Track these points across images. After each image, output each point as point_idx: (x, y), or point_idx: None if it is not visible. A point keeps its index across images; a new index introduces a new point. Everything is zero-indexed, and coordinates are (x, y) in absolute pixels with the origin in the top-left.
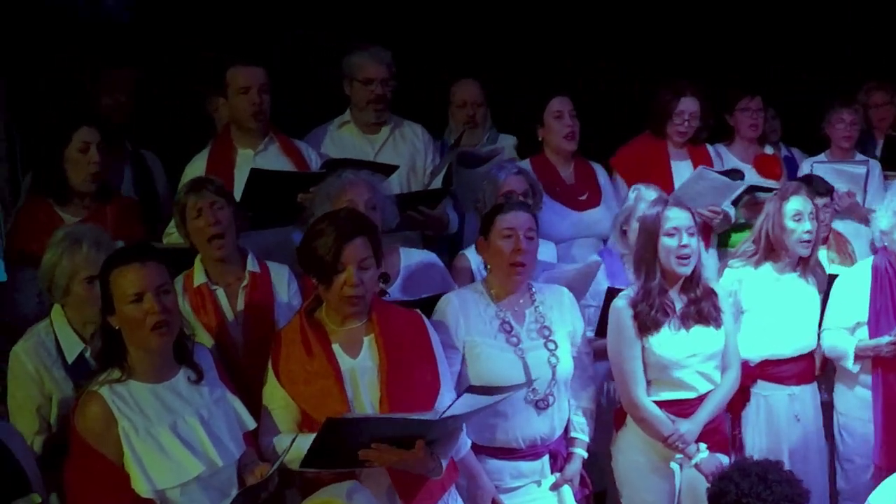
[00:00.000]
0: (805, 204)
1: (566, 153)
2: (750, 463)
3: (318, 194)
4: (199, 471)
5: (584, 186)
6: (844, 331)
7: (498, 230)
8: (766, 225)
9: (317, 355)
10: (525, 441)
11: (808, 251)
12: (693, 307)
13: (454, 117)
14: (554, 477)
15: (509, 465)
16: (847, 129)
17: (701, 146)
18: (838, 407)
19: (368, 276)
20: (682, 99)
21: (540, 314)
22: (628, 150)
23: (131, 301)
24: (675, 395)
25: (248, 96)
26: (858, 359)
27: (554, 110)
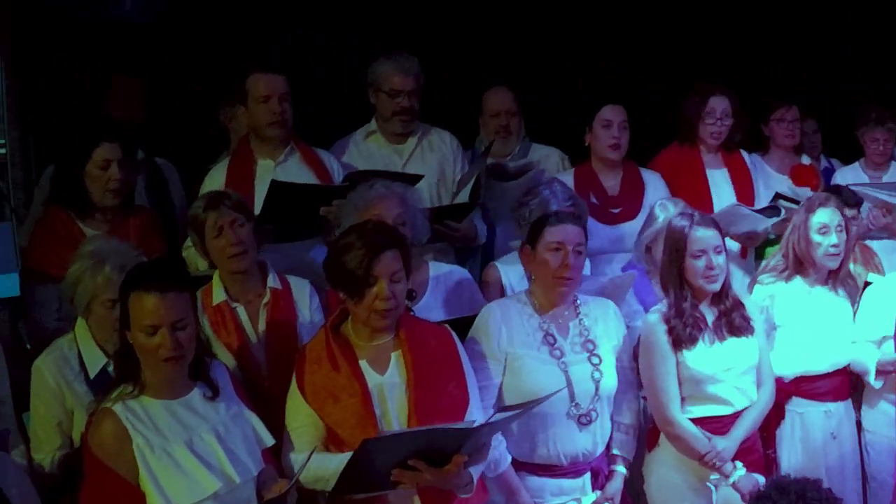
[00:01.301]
0: (833, 216)
1: (611, 162)
2: (788, 481)
3: (346, 205)
4: (216, 487)
5: (625, 199)
6: (871, 344)
7: (546, 242)
8: (792, 238)
9: (343, 372)
10: (567, 457)
11: (836, 264)
12: (724, 318)
13: (486, 127)
14: (595, 495)
15: (550, 483)
16: (880, 147)
17: (735, 153)
18: (865, 424)
19: (400, 289)
20: (711, 98)
21: (585, 327)
22: (661, 161)
23: (146, 331)
24: (711, 410)
25: (268, 105)
26: (880, 374)
27: (604, 118)
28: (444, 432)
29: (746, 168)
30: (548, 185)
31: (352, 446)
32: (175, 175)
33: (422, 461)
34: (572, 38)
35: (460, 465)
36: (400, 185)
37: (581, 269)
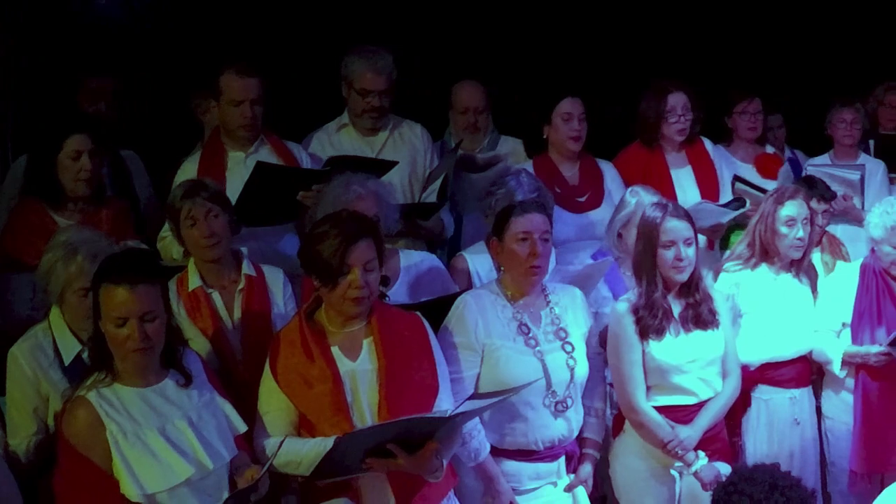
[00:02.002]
0: (800, 209)
1: (571, 154)
2: (752, 470)
3: (322, 201)
4: (189, 474)
5: (587, 187)
6: (832, 333)
7: (513, 233)
8: (759, 227)
9: (316, 358)
10: (543, 443)
11: (800, 255)
12: (691, 311)
13: (455, 122)
14: (569, 478)
15: (527, 467)
16: (848, 129)
17: (697, 144)
18: (825, 411)
19: (373, 277)
20: (670, 96)
21: (556, 315)
22: (624, 160)
23: (115, 323)
24: (675, 400)
25: (239, 109)
26: (846, 364)
27: (563, 111)
28: (419, 421)
29: (710, 160)
30: (514, 176)
31: (323, 432)
32: (140, 167)
33: (397, 446)
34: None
35: (433, 452)
36: (375, 182)
37: (549, 256)
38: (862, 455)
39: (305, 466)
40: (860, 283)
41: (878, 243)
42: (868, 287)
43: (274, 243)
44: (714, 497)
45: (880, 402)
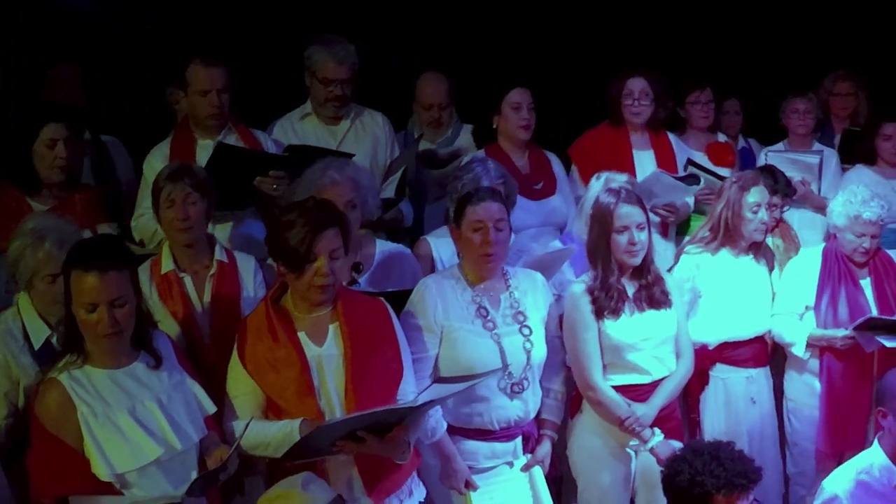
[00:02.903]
0: (763, 195)
1: (520, 143)
2: (702, 444)
3: (298, 189)
4: (158, 454)
5: (539, 176)
6: (795, 316)
7: (468, 221)
8: (725, 213)
9: (283, 343)
10: (500, 423)
11: (763, 237)
12: (644, 292)
13: (419, 116)
14: (525, 458)
15: (484, 446)
16: (802, 118)
17: (662, 134)
18: (787, 392)
19: (338, 265)
20: (629, 80)
21: (515, 299)
22: (587, 139)
23: (85, 308)
24: (631, 378)
25: (207, 99)
26: (810, 347)
27: (513, 101)
28: (388, 412)
29: (672, 150)
30: (481, 163)
31: (291, 415)
32: (122, 152)
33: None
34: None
35: (402, 436)
36: (353, 168)
37: (504, 244)
38: (828, 436)
39: (274, 448)
40: (822, 268)
41: (841, 231)
42: (830, 272)
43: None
44: (663, 470)
45: (844, 383)
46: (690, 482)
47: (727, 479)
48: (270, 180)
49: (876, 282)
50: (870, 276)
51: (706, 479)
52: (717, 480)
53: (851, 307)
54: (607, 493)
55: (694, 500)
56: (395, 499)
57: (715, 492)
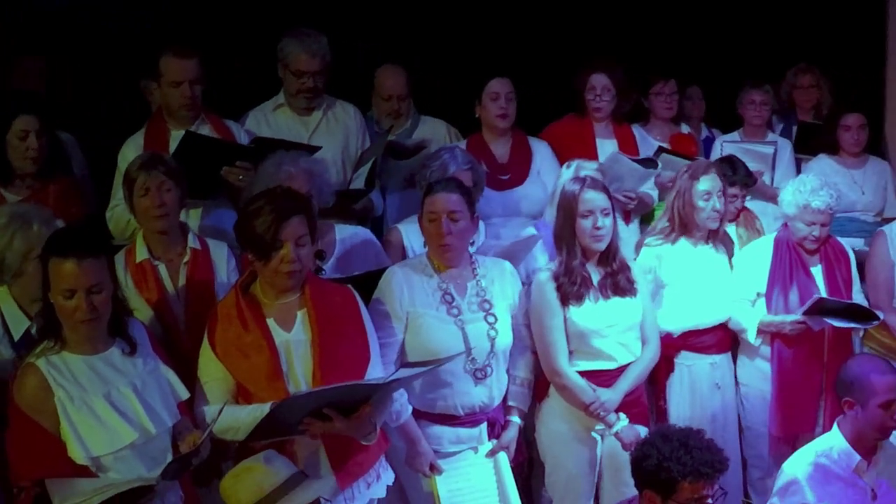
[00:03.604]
0: (714, 183)
1: (500, 132)
2: (672, 430)
3: (256, 182)
4: (133, 438)
5: (514, 165)
6: (747, 303)
7: (425, 212)
8: (677, 203)
9: (252, 329)
10: (464, 408)
11: (717, 225)
12: (610, 279)
13: (378, 107)
14: (491, 443)
15: (448, 431)
16: (758, 109)
17: (625, 126)
18: (740, 377)
19: (305, 252)
20: (592, 76)
21: (481, 287)
22: (554, 129)
23: (63, 295)
24: (596, 364)
25: (179, 90)
26: (761, 333)
27: (492, 91)
28: (355, 388)
29: (634, 140)
30: (449, 150)
31: (260, 399)
32: (76, 148)
33: (333, 410)
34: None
35: (367, 415)
36: (306, 160)
37: (462, 233)
38: (780, 419)
39: (244, 432)
40: (774, 256)
41: (792, 220)
42: (781, 259)
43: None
44: (632, 453)
45: (795, 368)
46: (658, 467)
47: (693, 467)
48: (237, 171)
49: (827, 269)
50: (821, 264)
51: (673, 466)
52: (684, 468)
53: (802, 294)
54: (574, 476)
55: (660, 484)
56: (363, 482)
57: (681, 479)
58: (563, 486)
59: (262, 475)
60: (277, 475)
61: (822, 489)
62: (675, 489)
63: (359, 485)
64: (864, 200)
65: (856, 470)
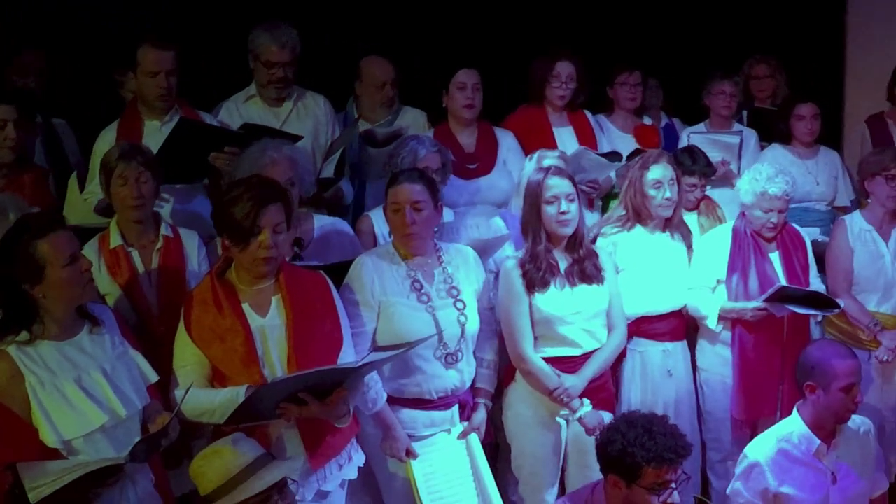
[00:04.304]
0: (665, 171)
1: (466, 121)
2: (637, 416)
3: (240, 165)
4: (103, 421)
5: (480, 155)
6: (707, 290)
7: (388, 202)
8: (629, 193)
9: (227, 314)
10: (437, 392)
11: (670, 213)
12: (577, 266)
13: (370, 97)
14: (462, 425)
15: (422, 415)
16: (727, 100)
17: (579, 112)
18: (700, 363)
19: (282, 239)
20: (558, 63)
21: (448, 274)
22: (512, 120)
23: (67, 263)
24: (561, 351)
25: (155, 80)
26: (722, 319)
27: (459, 81)
28: (329, 372)
29: (590, 127)
30: (416, 137)
31: (235, 383)
32: (70, 135)
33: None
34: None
35: (341, 398)
36: (290, 147)
37: (425, 222)
38: (741, 403)
39: (220, 415)
40: (733, 243)
41: (749, 208)
42: (741, 246)
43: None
44: (597, 438)
45: (756, 353)
46: (622, 452)
47: (657, 453)
48: (225, 156)
49: (784, 256)
50: (778, 251)
51: (637, 451)
52: (648, 453)
53: (761, 280)
54: (539, 459)
55: (624, 469)
56: (335, 464)
57: (644, 464)
58: (529, 469)
59: (230, 457)
60: (244, 457)
61: (783, 473)
62: (639, 474)
63: (331, 466)
64: (819, 190)
65: (816, 454)
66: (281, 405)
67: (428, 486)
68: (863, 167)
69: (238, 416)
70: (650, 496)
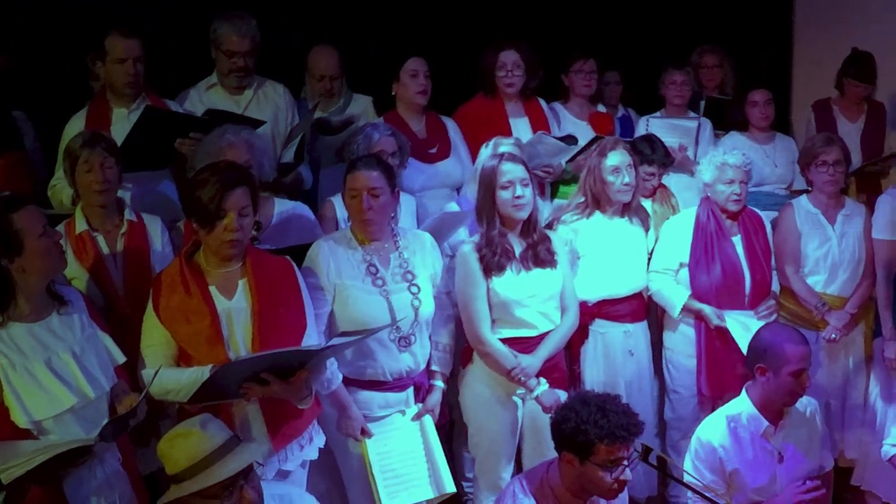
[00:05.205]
0: (622, 158)
1: (418, 108)
2: (591, 395)
3: (199, 151)
4: (72, 402)
5: (434, 140)
6: (671, 275)
7: (347, 189)
8: (588, 180)
9: (195, 296)
10: (392, 374)
11: (628, 198)
12: (531, 251)
13: (311, 87)
14: (417, 407)
15: (377, 396)
16: (679, 89)
17: (533, 100)
18: (666, 343)
19: (247, 222)
20: (502, 52)
21: (404, 259)
22: (466, 110)
23: (42, 233)
24: (517, 332)
25: (123, 67)
26: (686, 311)
27: (410, 69)
28: (292, 353)
29: (544, 114)
30: (371, 123)
31: (201, 363)
32: (29, 126)
33: (270, 375)
34: None
35: (304, 379)
36: (248, 132)
37: (382, 208)
38: (708, 380)
39: (185, 393)
40: (696, 227)
41: (711, 185)
42: (704, 230)
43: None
44: (552, 416)
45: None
46: (576, 430)
47: (609, 430)
48: (190, 141)
49: (746, 239)
50: (740, 234)
51: (590, 429)
52: (601, 430)
53: (724, 262)
54: (496, 437)
55: (578, 446)
56: (297, 444)
57: (598, 441)
58: (486, 447)
59: (198, 440)
60: (212, 440)
61: (732, 452)
62: (592, 451)
63: (292, 447)
64: (777, 173)
65: (763, 434)
66: (244, 384)
67: (381, 465)
68: (800, 157)
69: (202, 394)
70: (603, 473)
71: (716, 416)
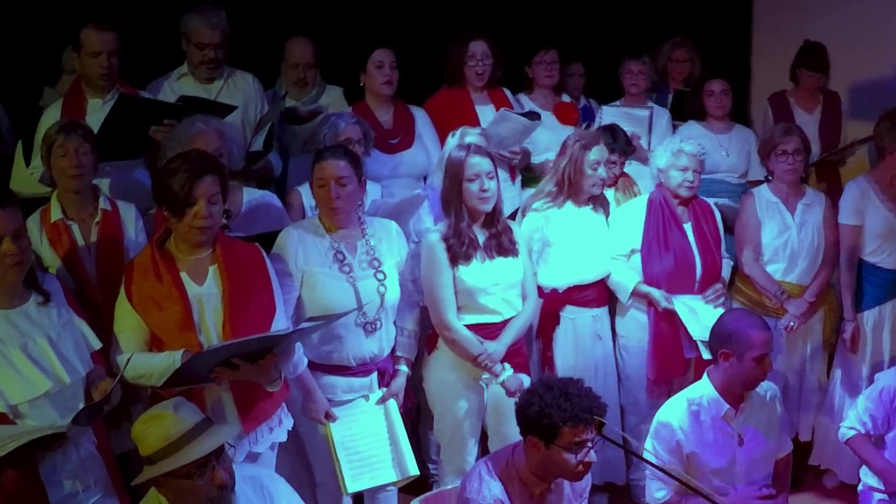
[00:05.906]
0: (602, 153)
1: (385, 98)
2: (553, 379)
3: (170, 139)
4: (48, 387)
5: (399, 130)
6: (623, 261)
7: (315, 178)
8: (568, 169)
9: (166, 282)
10: (356, 360)
11: (600, 191)
12: (494, 241)
13: (286, 75)
14: (381, 391)
15: (342, 381)
16: (635, 78)
17: (497, 89)
18: (619, 329)
19: (216, 209)
20: (472, 43)
21: (371, 247)
22: (433, 102)
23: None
24: (482, 318)
25: (98, 60)
26: (635, 295)
27: (376, 60)
28: (262, 339)
29: (509, 102)
30: (336, 113)
31: (173, 348)
32: (3, 116)
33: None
34: None
35: (273, 362)
36: (218, 121)
37: (349, 196)
38: (656, 364)
39: (157, 378)
40: (648, 214)
41: (665, 171)
42: (655, 217)
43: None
44: (517, 401)
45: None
46: (540, 413)
47: (573, 413)
48: (164, 129)
49: (696, 226)
50: (691, 221)
51: (554, 412)
52: (564, 413)
53: (675, 248)
54: (461, 421)
55: (543, 430)
56: (266, 427)
57: (561, 423)
58: (451, 431)
59: (171, 422)
60: (185, 422)
61: (692, 434)
62: (557, 434)
63: (262, 429)
64: (729, 162)
65: (724, 417)
66: (215, 369)
67: (346, 448)
68: (760, 148)
69: (174, 379)
70: (567, 455)
71: (677, 398)
